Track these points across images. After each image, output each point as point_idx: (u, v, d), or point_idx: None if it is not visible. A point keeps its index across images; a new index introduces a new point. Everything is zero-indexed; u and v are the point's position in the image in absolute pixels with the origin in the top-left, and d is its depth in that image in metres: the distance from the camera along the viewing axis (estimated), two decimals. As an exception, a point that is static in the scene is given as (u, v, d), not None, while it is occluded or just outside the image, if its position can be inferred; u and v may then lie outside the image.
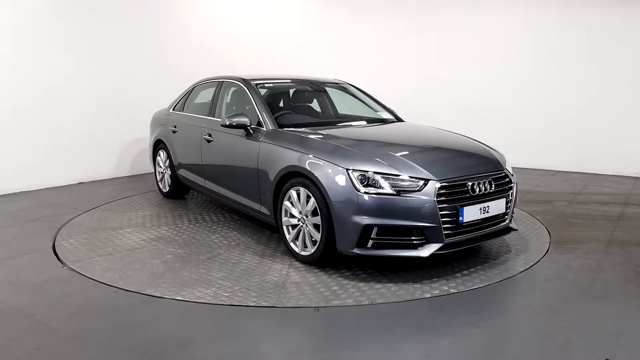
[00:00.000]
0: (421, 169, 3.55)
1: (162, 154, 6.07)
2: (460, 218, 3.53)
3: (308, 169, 3.71)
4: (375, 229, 3.41)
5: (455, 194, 3.56)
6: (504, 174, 3.96)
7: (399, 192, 3.43)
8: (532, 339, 2.85)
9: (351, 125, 4.81)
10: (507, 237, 4.59)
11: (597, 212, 5.64)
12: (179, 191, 5.96)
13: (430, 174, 3.52)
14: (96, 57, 6.96)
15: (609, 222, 5.25)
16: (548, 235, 4.73)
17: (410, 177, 3.49)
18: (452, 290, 3.46)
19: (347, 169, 3.51)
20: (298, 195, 3.84)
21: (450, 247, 3.55)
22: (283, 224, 4.03)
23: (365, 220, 3.39)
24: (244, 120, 4.38)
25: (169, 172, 5.93)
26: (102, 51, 7.01)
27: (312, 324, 3.02)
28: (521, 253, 4.25)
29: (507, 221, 3.97)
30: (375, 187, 3.44)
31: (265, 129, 4.37)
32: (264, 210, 4.29)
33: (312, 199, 3.68)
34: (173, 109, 6.01)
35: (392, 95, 9.51)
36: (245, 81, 4.95)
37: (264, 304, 3.24)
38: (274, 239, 4.56)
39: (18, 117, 6.29)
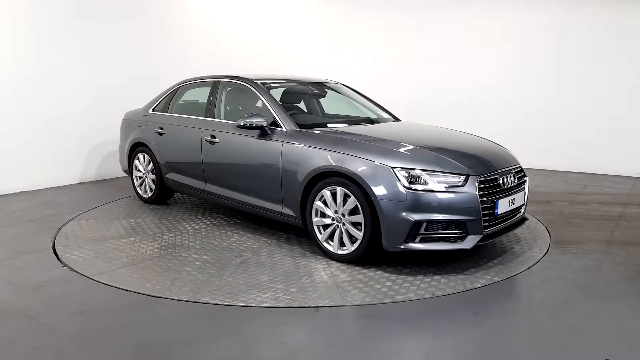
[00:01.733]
0: (461, 165, 3.73)
1: (141, 158, 5.75)
2: (496, 210, 3.77)
3: (350, 168, 3.73)
4: (424, 224, 3.55)
5: (491, 188, 3.78)
6: (520, 168, 4.26)
7: (445, 188, 3.57)
8: (532, 339, 2.85)
9: (365, 125, 4.81)
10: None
11: (597, 212, 5.64)
12: (163, 196, 5.71)
13: (469, 170, 3.71)
14: (96, 57, 6.96)
15: (609, 222, 5.25)
16: (548, 235, 4.73)
17: (453, 173, 3.65)
18: (452, 290, 3.46)
19: (393, 167, 3.61)
20: (332, 195, 3.87)
21: (487, 239, 3.76)
22: (314, 224, 4.04)
23: (415, 216, 3.52)
24: (261, 121, 4.32)
25: (152, 177, 5.65)
26: (102, 51, 7.01)
27: (312, 324, 3.02)
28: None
29: (523, 212, 4.24)
30: (420, 183, 3.57)
31: (284, 129, 4.31)
32: (287, 211, 4.25)
33: (352, 198, 3.73)
34: (153, 110, 5.74)
35: (391, 95, 9.53)
36: (252, 81, 4.85)
37: (331, 303, 3.24)
38: (294, 239, 4.53)
39: (18, 117, 6.29)
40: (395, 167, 3.61)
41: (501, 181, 3.86)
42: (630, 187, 7.08)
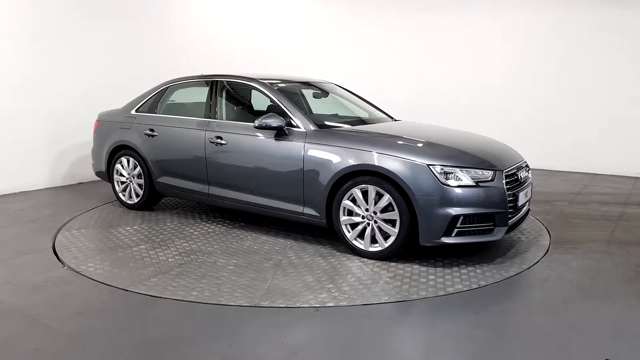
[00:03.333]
0: (488, 160, 3.94)
1: (125, 162, 5.45)
2: (518, 203, 4.00)
3: (386, 167, 3.81)
4: (461, 218, 3.70)
5: (512, 182, 4.00)
6: (526, 163, 4.46)
7: (477, 183, 3.75)
8: (532, 339, 2.85)
9: (377, 124, 4.85)
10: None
11: (597, 212, 5.64)
12: (152, 202, 5.45)
13: (496, 165, 3.93)
14: (96, 57, 6.95)
15: (609, 222, 5.25)
16: (548, 235, 4.73)
17: (483, 168, 3.84)
18: (451, 290, 3.46)
19: (429, 165, 3.74)
20: (362, 193, 3.93)
21: (510, 230, 4.00)
22: (342, 223, 4.08)
23: (453, 210, 3.68)
24: (279, 121, 4.29)
25: (139, 181, 5.36)
26: (102, 52, 7.01)
27: (312, 323, 3.02)
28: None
29: (529, 204, 4.48)
30: (455, 179, 3.73)
31: (303, 130, 4.31)
32: (309, 211, 4.25)
33: (386, 196, 3.82)
34: (137, 110, 5.47)
35: (391, 95, 9.54)
36: (260, 82, 4.79)
37: (398, 298, 3.34)
38: (312, 239, 4.52)
39: (18, 117, 6.29)
40: (431, 165, 3.74)
41: (519, 175, 4.12)
42: (630, 187, 7.08)
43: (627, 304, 3.31)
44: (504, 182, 3.84)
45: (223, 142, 4.69)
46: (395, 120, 5.29)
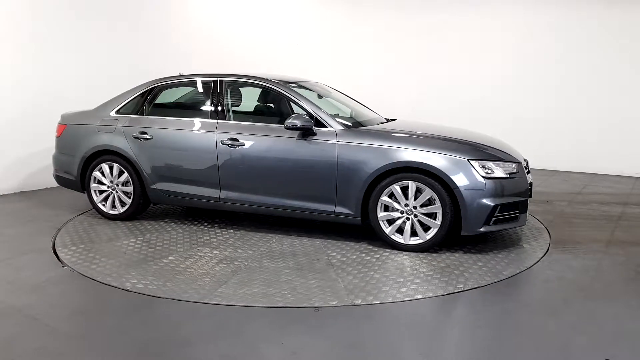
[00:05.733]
0: (511, 154, 4.33)
1: (106, 168, 4.98)
2: (531, 191, 4.37)
3: (430, 163, 4.04)
4: (498, 208, 4.03)
5: (526, 173, 4.37)
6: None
7: (508, 175, 4.12)
8: (532, 339, 2.84)
9: (391, 123, 4.98)
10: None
11: (597, 212, 5.64)
12: (140, 211, 5.07)
13: (518, 158, 4.34)
14: (97, 57, 6.95)
15: (609, 222, 5.25)
16: (548, 235, 4.73)
17: (510, 161, 4.23)
18: (452, 290, 3.46)
19: (469, 159, 4.03)
20: (402, 189, 4.11)
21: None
22: (380, 219, 4.21)
23: (491, 201, 4.01)
24: (308, 121, 4.29)
25: (125, 189, 4.95)
26: (103, 52, 7.00)
27: (312, 323, 3.01)
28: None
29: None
30: (490, 172, 4.07)
31: (332, 129, 4.34)
32: (342, 210, 4.30)
33: (427, 190, 4.05)
34: (117, 112, 5.08)
35: (391, 95, 9.54)
36: (274, 82, 4.73)
37: (461, 288, 3.51)
38: (338, 236, 4.57)
39: (18, 118, 6.29)
40: (471, 159, 4.04)
41: (526, 165, 4.48)
42: (630, 187, 7.08)
43: (627, 304, 3.31)
44: (525, 173, 4.28)
45: (240, 143, 4.54)
46: (390, 120, 5.25)
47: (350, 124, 4.56)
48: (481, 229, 4.04)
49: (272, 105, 5.16)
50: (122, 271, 3.75)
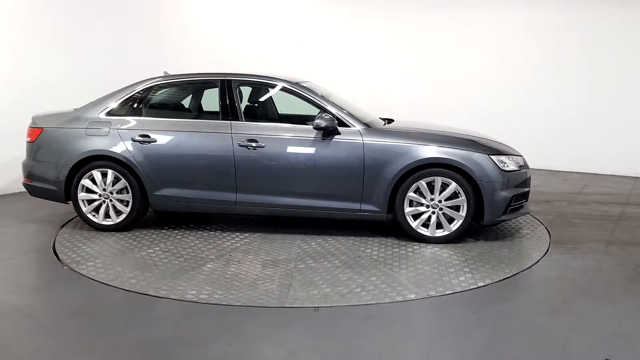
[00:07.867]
0: (514, 148, 4.69)
1: (98, 175, 4.58)
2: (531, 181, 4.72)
3: (456, 159, 4.27)
4: (513, 198, 4.36)
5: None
6: None
7: (519, 167, 4.48)
8: (532, 339, 2.84)
9: (407, 121, 5.13)
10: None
11: (597, 212, 5.64)
12: (137, 220, 4.73)
13: (520, 152, 4.69)
14: (97, 57, 6.95)
15: (609, 222, 5.25)
16: (548, 235, 4.73)
17: (519, 155, 4.63)
18: (452, 290, 3.46)
19: (489, 155, 4.32)
20: (428, 185, 4.32)
21: None
22: (406, 214, 4.38)
23: (509, 192, 4.33)
24: (332, 121, 4.33)
25: (121, 197, 4.60)
26: (103, 52, 7.00)
27: (312, 323, 3.02)
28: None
29: None
30: (507, 166, 4.37)
31: (356, 129, 4.42)
32: (367, 207, 4.40)
33: (453, 184, 4.28)
34: (108, 114, 4.73)
35: (391, 94, 9.54)
36: (290, 82, 4.69)
37: (498, 278, 3.74)
38: (355, 233, 4.65)
39: (18, 118, 6.28)
40: (491, 155, 4.33)
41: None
42: (630, 187, 7.08)
43: (627, 304, 3.31)
44: (528, 165, 4.63)
45: (260, 145, 4.41)
46: (387, 119, 5.23)
47: (368, 124, 4.57)
48: (500, 219, 4.37)
49: (283, 105, 5.17)
50: (171, 282, 3.53)
